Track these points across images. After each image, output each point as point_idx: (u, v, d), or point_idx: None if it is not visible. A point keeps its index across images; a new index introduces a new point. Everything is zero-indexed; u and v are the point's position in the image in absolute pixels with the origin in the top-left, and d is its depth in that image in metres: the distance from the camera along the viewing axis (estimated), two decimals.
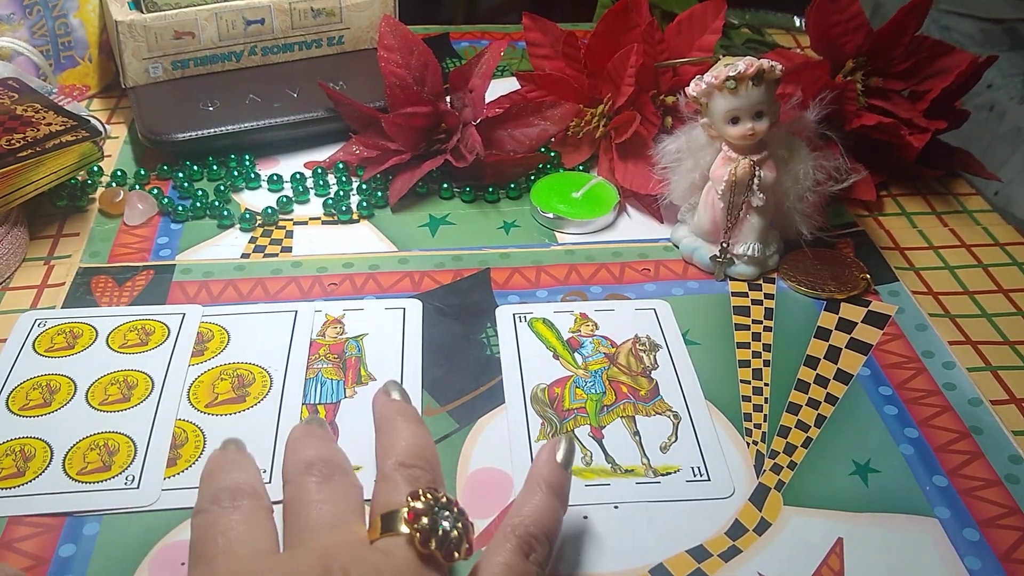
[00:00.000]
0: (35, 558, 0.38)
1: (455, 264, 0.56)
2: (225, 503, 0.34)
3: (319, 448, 0.37)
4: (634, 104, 0.61)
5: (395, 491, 0.34)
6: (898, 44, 0.62)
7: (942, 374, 0.49)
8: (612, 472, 0.43)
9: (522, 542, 0.34)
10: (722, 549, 0.40)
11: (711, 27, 0.62)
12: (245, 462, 0.37)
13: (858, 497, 0.42)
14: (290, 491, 0.35)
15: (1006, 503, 0.42)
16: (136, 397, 0.46)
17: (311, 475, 0.35)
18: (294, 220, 0.60)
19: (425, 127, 0.61)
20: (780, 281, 0.55)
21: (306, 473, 0.35)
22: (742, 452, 0.44)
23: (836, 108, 0.58)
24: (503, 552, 0.34)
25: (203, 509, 0.35)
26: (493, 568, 0.33)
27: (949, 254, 0.59)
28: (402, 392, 0.40)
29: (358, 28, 0.70)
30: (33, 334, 0.49)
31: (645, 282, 0.55)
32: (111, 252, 0.56)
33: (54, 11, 0.68)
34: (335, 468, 0.36)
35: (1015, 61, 1.20)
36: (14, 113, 0.56)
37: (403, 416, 0.39)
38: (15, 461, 0.42)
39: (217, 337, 0.49)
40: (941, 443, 0.45)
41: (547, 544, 0.35)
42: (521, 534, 0.34)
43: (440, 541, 0.32)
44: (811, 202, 0.54)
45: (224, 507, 0.34)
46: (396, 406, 0.39)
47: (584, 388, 0.47)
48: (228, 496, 0.35)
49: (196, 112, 0.64)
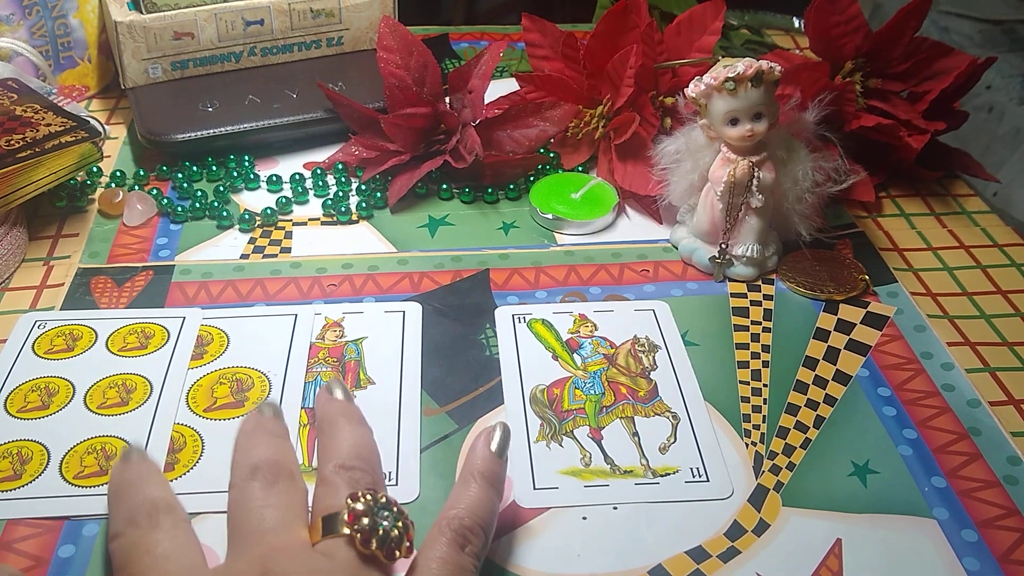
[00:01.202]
0: (34, 559, 0.38)
1: (454, 265, 0.56)
2: (143, 523, 0.33)
3: (267, 449, 0.37)
4: (633, 105, 0.61)
5: (335, 494, 0.35)
6: (897, 45, 0.62)
7: (941, 375, 0.49)
8: (611, 473, 0.43)
9: (457, 535, 0.34)
10: (721, 550, 0.40)
11: (710, 28, 0.62)
12: (152, 472, 0.36)
13: (857, 498, 0.42)
14: (234, 495, 0.35)
15: (1004, 504, 0.42)
16: (134, 401, 0.46)
17: (255, 479, 0.35)
18: (293, 221, 0.60)
19: (424, 128, 0.61)
20: (779, 282, 0.55)
21: (251, 477, 0.35)
22: (741, 453, 0.44)
23: (835, 109, 0.58)
24: (438, 547, 0.34)
25: (120, 533, 0.34)
26: (429, 564, 0.33)
27: (948, 255, 0.59)
28: (345, 391, 0.40)
29: (357, 29, 0.70)
30: (33, 336, 0.49)
31: (644, 283, 0.55)
32: (110, 253, 0.56)
33: (53, 12, 0.68)
34: (280, 471, 0.36)
35: (1014, 62, 1.20)
36: (13, 113, 0.56)
37: (345, 417, 0.39)
38: (12, 464, 0.42)
39: (217, 340, 0.49)
40: (940, 444, 0.45)
41: (482, 536, 0.35)
42: (456, 527, 0.34)
43: (380, 541, 0.33)
44: (810, 203, 0.54)
45: (143, 527, 0.33)
46: (338, 406, 0.39)
47: (583, 389, 0.47)
48: (144, 516, 0.34)
49: (195, 113, 0.64)
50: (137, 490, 0.35)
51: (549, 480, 0.43)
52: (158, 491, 0.35)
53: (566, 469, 0.43)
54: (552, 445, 0.44)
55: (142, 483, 0.35)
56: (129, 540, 0.33)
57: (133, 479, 0.35)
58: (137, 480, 0.35)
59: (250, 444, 0.37)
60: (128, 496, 0.35)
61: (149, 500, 0.34)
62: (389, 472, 0.42)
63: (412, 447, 0.44)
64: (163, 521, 0.34)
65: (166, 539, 0.33)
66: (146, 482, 0.35)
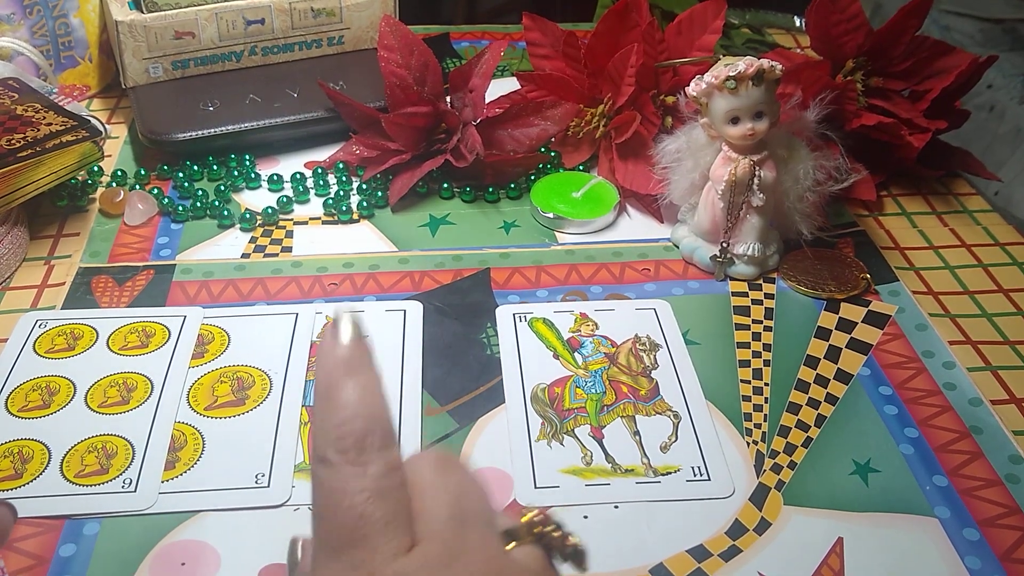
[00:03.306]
0: (35, 558, 0.39)
1: (455, 264, 0.56)
2: (352, 455, 0.26)
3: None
4: (634, 104, 0.61)
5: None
6: (898, 44, 0.62)
7: (942, 374, 0.49)
8: (612, 472, 0.43)
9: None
10: (722, 549, 0.40)
11: (711, 27, 0.62)
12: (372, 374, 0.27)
13: (858, 497, 0.42)
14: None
15: (1006, 503, 0.42)
16: (135, 400, 0.46)
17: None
18: (294, 220, 0.60)
19: (425, 127, 0.61)
20: (780, 281, 0.55)
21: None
22: (742, 452, 0.44)
23: (836, 108, 0.58)
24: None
25: (328, 459, 0.26)
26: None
27: (949, 254, 0.59)
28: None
29: (358, 28, 0.70)
30: (34, 335, 0.49)
31: (645, 282, 0.55)
32: (111, 252, 0.56)
33: (54, 11, 0.68)
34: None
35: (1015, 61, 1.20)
36: (14, 113, 0.56)
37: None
38: (13, 463, 0.42)
39: (217, 339, 0.49)
40: (941, 443, 0.45)
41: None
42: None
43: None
44: (811, 202, 0.54)
45: (352, 461, 0.26)
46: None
47: (584, 388, 0.47)
48: (355, 445, 0.26)
49: (196, 112, 0.64)
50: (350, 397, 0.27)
51: (550, 479, 0.43)
52: (374, 407, 0.27)
53: (567, 468, 0.43)
54: (553, 444, 0.44)
55: (359, 385, 0.27)
56: (335, 475, 0.26)
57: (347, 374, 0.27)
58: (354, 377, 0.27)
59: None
60: (340, 402, 0.27)
61: (361, 425, 0.26)
62: None
63: (413, 446, 0.44)
64: (372, 461, 0.26)
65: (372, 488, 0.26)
66: (361, 386, 0.27)
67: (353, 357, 0.27)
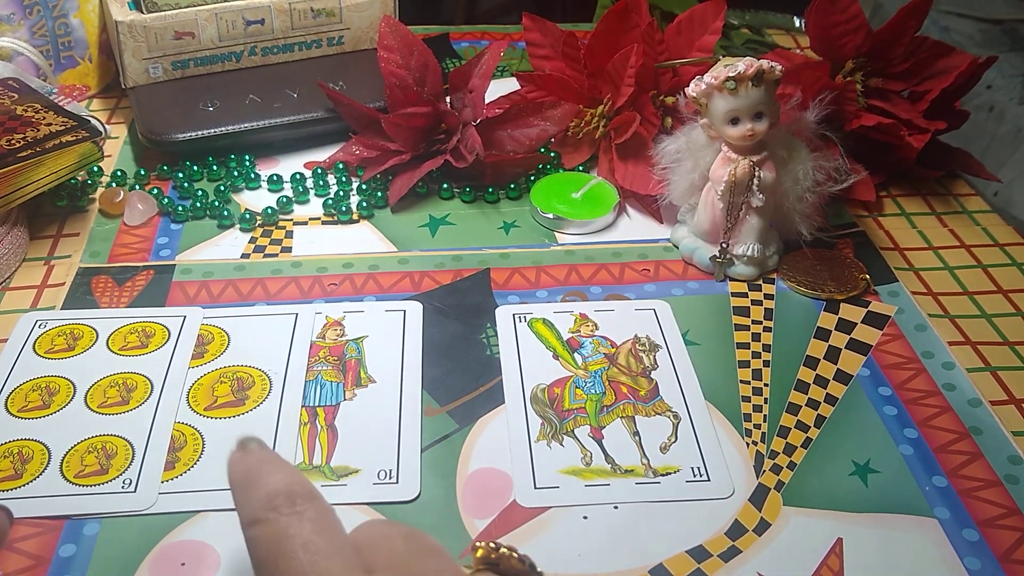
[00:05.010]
0: (35, 558, 0.39)
1: (455, 264, 0.56)
2: (284, 509, 0.30)
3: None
4: (634, 104, 0.61)
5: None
6: (898, 44, 0.62)
7: (942, 374, 0.49)
8: (612, 472, 0.43)
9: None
10: (722, 549, 0.40)
11: (711, 27, 0.62)
12: (281, 461, 0.32)
13: (858, 497, 0.42)
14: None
15: (1006, 503, 0.42)
16: (135, 400, 0.46)
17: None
18: (294, 220, 0.60)
19: (425, 127, 0.61)
20: (780, 281, 0.55)
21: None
22: (742, 452, 0.44)
23: (836, 108, 0.58)
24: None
25: (260, 519, 0.30)
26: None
27: (949, 254, 0.59)
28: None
29: (358, 28, 0.70)
30: (34, 335, 0.49)
31: (645, 282, 0.55)
32: (111, 252, 0.56)
33: (54, 11, 0.68)
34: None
35: (1015, 62, 1.20)
36: (14, 113, 0.56)
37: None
38: (12, 463, 0.42)
39: (217, 339, 0.49)
40: (941, 443, 0.45)
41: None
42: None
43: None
44: (811, 202, 0.54)
45: (286, 514, 0.29)
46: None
47: (584, 388, 0.47)
48: (286, 501, 0.30)
49: (196, 112, 0.64)
50: (269, 476, 0.31)
51: (550, 479, 0.43)
52: (293, 476, 0.31)
53: (567, 468, 0.43)
54: (553, 444, 0.44)
55: (272, 469, 0.31)
56: (276, 528, 0.29)
57: (259, 466, 0.31)
58: (264, 467, 0.31)
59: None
60: (261, 481, 0.31)
61: (286, 485, 0.30)
62: (389, 470, 0.42)
63: (412, 446, 0.44)
64: (308, 510, 0.30)
65: (315, 532, 0.29)
66: (277, 468, 0.31)
67: (265, 454, 0.32)
